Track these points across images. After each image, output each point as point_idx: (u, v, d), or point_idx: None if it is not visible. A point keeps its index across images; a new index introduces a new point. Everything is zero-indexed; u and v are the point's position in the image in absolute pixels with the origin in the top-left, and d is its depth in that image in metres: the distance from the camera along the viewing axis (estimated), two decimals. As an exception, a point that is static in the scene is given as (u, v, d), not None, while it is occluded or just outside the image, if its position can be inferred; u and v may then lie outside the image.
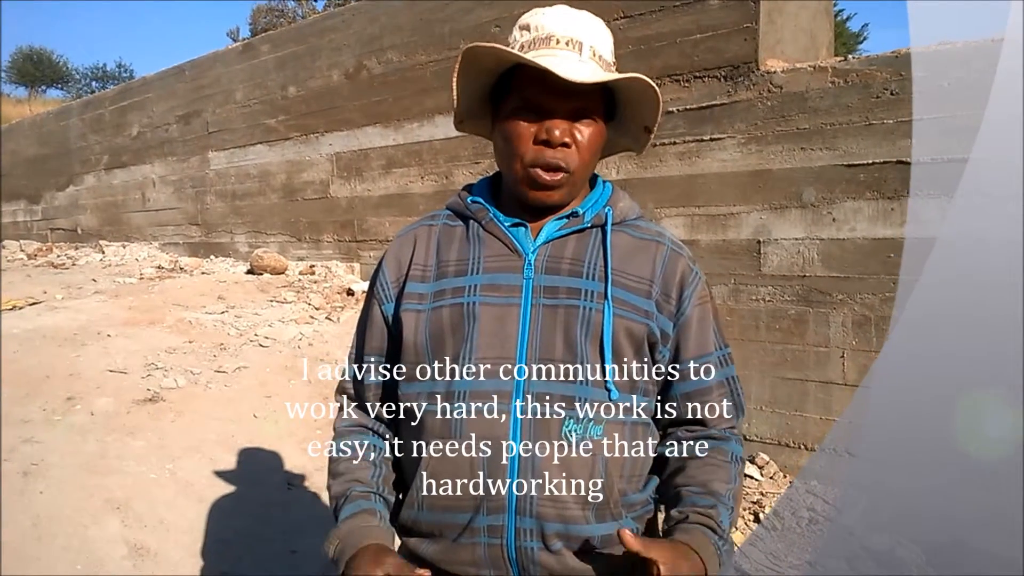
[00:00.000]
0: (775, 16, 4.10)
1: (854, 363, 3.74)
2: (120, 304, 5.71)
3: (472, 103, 1.34)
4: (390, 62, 6.06)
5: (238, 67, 7.54)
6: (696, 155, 4.23)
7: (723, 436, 1.31)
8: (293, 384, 4.41)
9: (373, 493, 1.31)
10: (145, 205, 9.08)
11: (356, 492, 1.30)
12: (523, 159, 1.23)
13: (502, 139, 1.27)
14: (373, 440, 1.36)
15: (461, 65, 1.25)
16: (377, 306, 1.36)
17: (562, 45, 1.22)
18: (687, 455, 1.30)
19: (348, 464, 1.33)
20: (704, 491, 1.25)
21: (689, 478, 1.28)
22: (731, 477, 1.28)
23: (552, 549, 1.19)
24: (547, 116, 1.22)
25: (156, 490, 3.20)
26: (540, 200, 1.26)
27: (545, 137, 1.21)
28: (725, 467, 1.29)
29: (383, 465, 1.35)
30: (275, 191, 7.24)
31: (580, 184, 1.29)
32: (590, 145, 1.25)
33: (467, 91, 1.30)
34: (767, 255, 3.98)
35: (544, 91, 1.20)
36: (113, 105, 9.60)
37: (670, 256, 1.30)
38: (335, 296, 6.00)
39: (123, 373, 4.21)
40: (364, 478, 1.32)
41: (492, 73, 1.28)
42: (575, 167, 1.24)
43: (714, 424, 1.31)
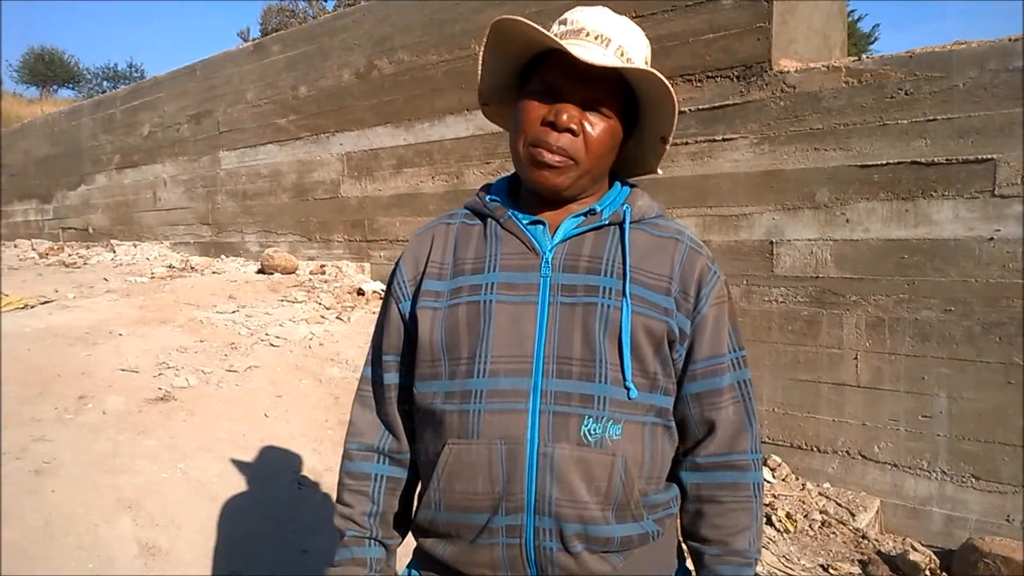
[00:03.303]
0: (788, 16, 4.08)
1: (867, 365, 3.72)
2: (131, 303, 5.72)
3: (497, 87, 1.33)
4: (401, 62, 6.06)
5: (249, 67, 7.56)
6: (708, 155, 4.21)
7: (744, 465, 1.28)
8: (304, 383, 4.41)
9: (367, 538, 1.34)
10: (156, 204, 9.11)
11: (350, 536, 1.34)
12: (526, 138, 1.23)
13: (513, 121, 1.27)
14: (377, 468, 1.36)
15: (489, 38, 1.24)
16: (394, 304, 1.36)
17: (591, 38, 1.22)
18: (708, 496, 1.29)
19: (350, 496, 1.35)
20: (727, 552, 1.27)
21: (711, 531, 1.28)
22: (752, 517, 1.28)
23: (571, 550, 1.18)
24: (559, 100, 1.21)
25: (167, 489, 3.20)
26: (541, 182, 1.24)
27: (552, 119, 1.20)
28: (747, 508, 1.28)
29: (383, 500, 1.36)
30: (286, 191, 7.25)
31: (588, 178, 1.27)
32: (599, 138, 1.23)
33: (493, 71, 1.31)
34: (780, 256, 3.96)
35: (561, 75, 1.21)
36: (124, 105, 9.64)
37: (689, 254, 1.28)
38: (345, 296, 6.00)
39: (134, 372, 4.21)
40: (360, 519, 1.34)
41: (519, 57, 1.28)
42: (580, 157, 1.22)
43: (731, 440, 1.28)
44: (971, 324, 3.44)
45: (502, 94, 1.35)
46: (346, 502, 1.35)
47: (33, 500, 2.94)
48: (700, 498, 1.30)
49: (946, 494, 3.54)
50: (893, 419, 3.67)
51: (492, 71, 1.30)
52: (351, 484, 1.36)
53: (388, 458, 1.37)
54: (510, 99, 1.34)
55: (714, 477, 1.29)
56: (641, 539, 1.23)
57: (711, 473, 1.29)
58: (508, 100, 1.34)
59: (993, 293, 3.38)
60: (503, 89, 1.34)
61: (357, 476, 1.36)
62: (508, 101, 1.34)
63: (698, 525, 1.30)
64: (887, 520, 3.70)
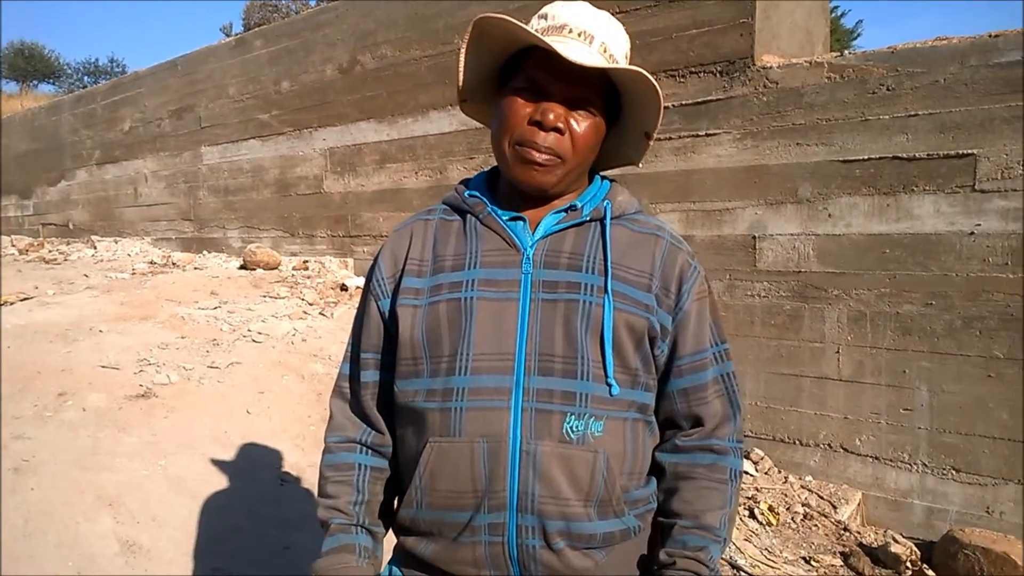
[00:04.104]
0: (771, 12, 4.09)
1: (849, 359, 3.74)
2: (112, 299, 5.67)
3: (476, 84, 1.32)
4: (384, 57, 6.03)
5: (231, 62, 7.50)
6: (691, 150, 4.22)
7: (723, 449, 1.28)
8: (286, 379, 4.39)
9: (353, 525, 1.31)
10: (137, 200, 9.04)
11: (336, 524, 1.30)
12: (512, 136, 1.22)
13: (497, 118, 1.25)
14: (360, 458, 1.34)
15: (471, 36, 1.23)
16: (373, 302, 1.34)
17: (574, 35, 1.21)
18: (684, 472, 1.27)
19: (333, 487, 1.33)
20: (695, 525, 1.24)
21: (683, 505, 1.26)
22: (726, 500, 1.26)
23: (554, 547, 1.18)
24: (545, 98, 1.20)
25: (148, 486, 3.18)
26: (528, 180, 1.23)
27: (539, 118, 1.19)
28: (722, 489, 1.26)
29: (367, 488, 1.33)
30: (268, 186, 7.21)
31: (574, 175, 1.27)
32: (585, 136, 1.22)
33: (473, 69, 1.29)
34: (762, 251, 3.98)
35: (546, 73, 1.19)
36: (105, 100, 9.56)
37: (669, 250, 1.28)
38: (328, 291, 5.98)
39: (115, 369, 4.18)
40: (346, 507, 1.31)
41: (500, 54, 1.27)
42: (567, 155, 1.22)
43: (713, 428, 1.28)
44: (952, 318, 3.47)
45: (481, 90, 1.33)
46: (330, 493, 1.33)
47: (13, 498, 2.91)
48: (676, 475, 1.28)
49: (927, 486, 3.57)
50: (875, 412, 3.69)
51: (472, 69, 1.29)
52: (334, 476, 1.33)
53: (371, 449, 1.35)
54: (489, 95, 1.33)
55: (692, 457, 1.28)
56: (623, 535, 1.23)
57: (689, 454, 1.28)
58: (487, 96, 1.33)
59: (974, 287, 3.41)
60: (482, 85, 1.32)
61: (340, 467, 1.34)
62: (487, 97, 1.33)
63: (670, 501, 1.28)
64: (869, 512, 3.73)
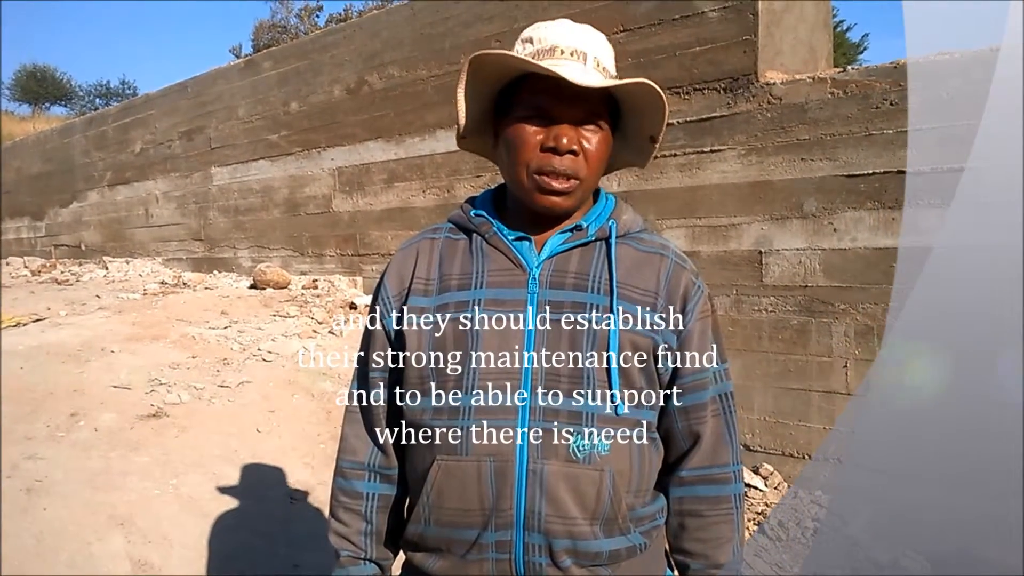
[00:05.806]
0: (773, 28, 4.12)
1: (857, 373, 3.74)
2: (124, 320, 5.71)
3: (474, 118, 1.32)
4: (391, 77, 6.09)
5: (240, 83, 7.58)
6: (697, 167, 4.24)
7: (724, 478, 1.31)
8: (296, 398, 4.41)
9: (362, 559, 1.36)
10: (148, 221, 9.11)
11: (345, 557, 1.36)
12: (529, 166, 1.22)
13: (507, 148, 1.25)
14: (368, 487, 1.37)
15: (468, 73, 1.24)
16: (380, 321, 1.36)
17: (567, 56, 1.21)
18: (690, 509, 1.32)
19: (344, 514, 1.37)
20: (709, 565, 1.30)
21: (695, 544, 1.31)
22: (734, 528, 1.31)
23: (560, 565, 1.19)
24: (554, 123, 1.21)
25: (160, 506, 3.20)
26: (549, 206, 1.24)
27: (552, 144, 1.20)
28: (728, 519, 1.31)
29: (376, 518, 1.37)
30: (277, 206, 7.26)
31: (588, 193, 1.29)
32: (598, 152, 1.24)
33: (470, 106, 1.29)
34: (768, 265, 3.99)
35: (550, 98, 1.20)
36: (116, 122, 9.65)
37: (674, 269, 1.29)
38: (338, 310, 6.01)
39: (127, 389, 4.21)
40: (356, 539, 1.36)
41: (495, 85, 1.27)
42: (584, 175, 1.23)
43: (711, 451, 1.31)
44: (959, 331, 3.46)
45: (478, 123, 1.33)
46: (341, 519, 1.37)
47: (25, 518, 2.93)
48: (682, 512, 1.32)
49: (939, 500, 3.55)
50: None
51: (470, 105, 1.29)
52: (345, 502, 1.37)
53: (378, 475, 1.37)
54: (486, 127, 1.34)
55: (695, 491, 1.31)
56: (629, 552, 1.24)
57: (693, 487, 1.32)
58: (483, 129, 1.34)
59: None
60: (480, 117, 1.33)
61: (351, 494, 1.37)
62: (483, 130, 1.34)
63: (681, 538, 1.33)
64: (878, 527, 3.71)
